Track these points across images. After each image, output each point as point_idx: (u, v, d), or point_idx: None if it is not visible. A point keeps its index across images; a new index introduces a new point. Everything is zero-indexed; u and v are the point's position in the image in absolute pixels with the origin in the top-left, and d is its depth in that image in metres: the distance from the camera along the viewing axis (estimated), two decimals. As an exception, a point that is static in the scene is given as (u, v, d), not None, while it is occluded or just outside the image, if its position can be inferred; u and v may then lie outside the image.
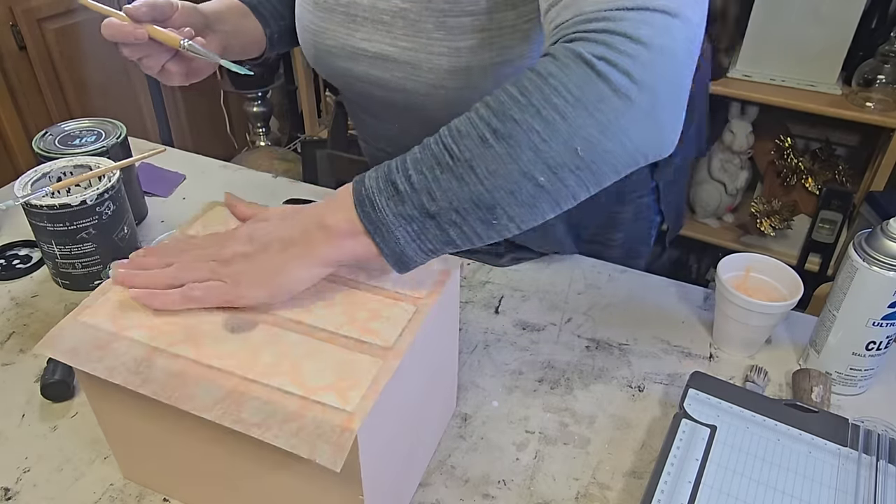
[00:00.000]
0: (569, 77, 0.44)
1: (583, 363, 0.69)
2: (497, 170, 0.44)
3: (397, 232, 0.46)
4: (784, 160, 1.82)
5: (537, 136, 0.44)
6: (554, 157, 0.44)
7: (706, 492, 0.51)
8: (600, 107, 0.43)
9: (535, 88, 0.44)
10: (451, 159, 0.45)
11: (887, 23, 1.60)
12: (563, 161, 0.44)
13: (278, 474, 0.46)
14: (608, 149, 0.45)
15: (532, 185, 0.45)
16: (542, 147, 0.44)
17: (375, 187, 0.46)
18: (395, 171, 0.46)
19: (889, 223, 0.58)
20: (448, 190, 0.45)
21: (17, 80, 1.74)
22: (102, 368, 0.45)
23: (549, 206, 0.46)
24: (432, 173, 0.45)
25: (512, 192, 0.45)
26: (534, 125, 0.44)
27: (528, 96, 0.44)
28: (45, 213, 0.70)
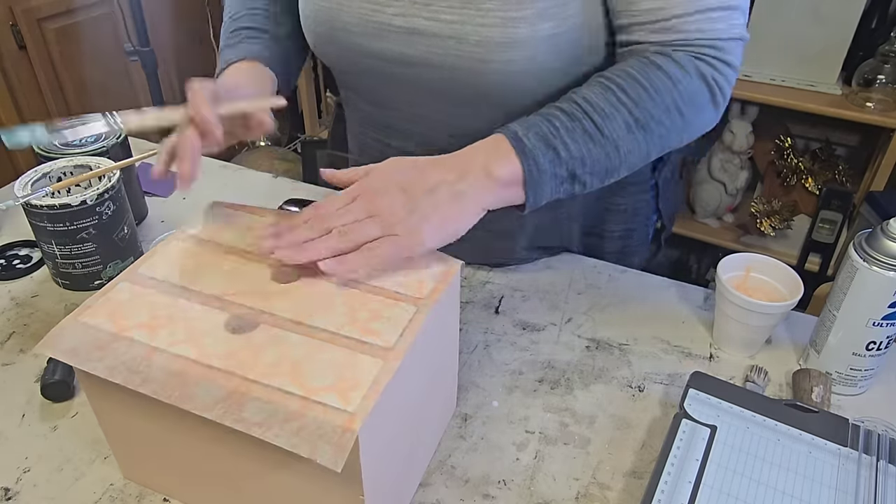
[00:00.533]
0: (691, 86, 0.58)
1: (583, 363, 0.69)
2: (632, 151, 0.58)
3: (546, 187, 0.55)
4: (784, 160, 1.82)
5: (664, 129, 0.58)
6: (668, 144, 0.60)
7: (706, 492, 0.51)
8: (703, 111, 0.60)
9: (666, 90, 0.57)
10: (601, 136, 0.56)
11: (887, 23, 1.60)
12: (671, 146, 0.60)
13: (279, 474, 0.46)
14: (693, 136, 0.62)
15: (645, 160, 0.60)
16: (665, 137, 0.59)
17: (538, 148, 0.54)
18: (550, 136, 0.55)
19: (889, 223, 0.58)
20: (596, 161, 0.56)
21: (17, 80, 1.74)
22: (102, 368, 0.45)
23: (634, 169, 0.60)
24: (586, 146, 0.55)
25: (633, 165, 0.59)
26: (663, 121, 0.58)
27: (661, 95, 0.57)
28: (46, 213, 0.70)
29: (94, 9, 1.90)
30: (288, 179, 1.02)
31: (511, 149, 0.54)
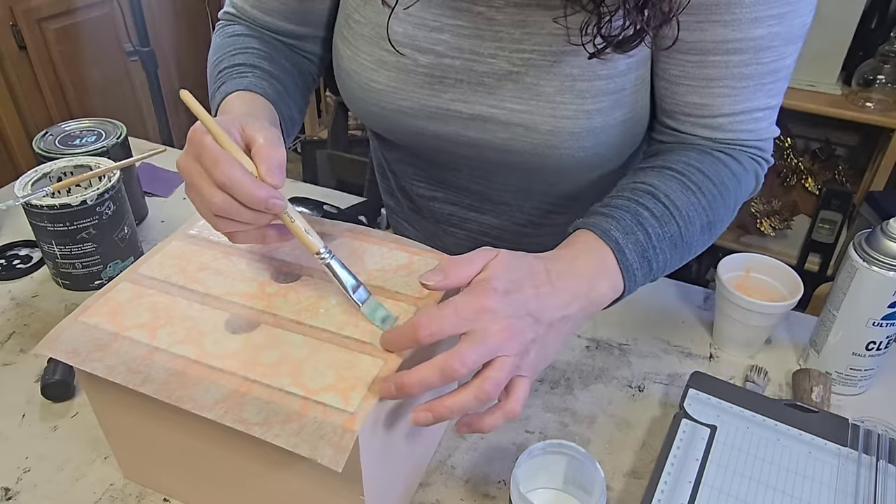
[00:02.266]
0: (746, 186, 0.62)
1: (583, 363, 0.69)
2: (700, 248, 0.59)
3: (633, 290, 0.53)
4: (784, 160, 1.82)
5: (723, 226, 0.61)
6: (722, 232, 0.62)
7: (706, 492, 0.51)
8: (747, 198, 0.64)
9: (732, 191, 0.59)
10: (680, 240, 0.55)
11: (887, 23, 1.61)
12: (721, 233, 0.62)
13: (279, 474, 0.46)
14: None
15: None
16: (720, 232, 0.61)
17: (637, 264, 0.52)
18: (645, 246, 0.53)
19: (889, 223, 0.58)
20: (674, 262, 0.56)
21: (17, 80, 1.74)
22: (103, 368, 0.45)
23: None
24: (670, 253, 0.55)
25: (692, 256, 0.60)
26: (725, 219, 0.60)
27: (728, 196, 0.59)
28: (46, 213, 0.70)
29: (94, 9, 1.91)
30: (288, 179, 1.01)
31: (618, 268, 0.51)
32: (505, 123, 0.61)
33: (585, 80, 0.58)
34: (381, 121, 0.67)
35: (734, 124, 0.60)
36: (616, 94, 0.59)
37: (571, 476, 0.51)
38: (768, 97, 0.59)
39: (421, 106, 0.63)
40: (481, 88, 0.61)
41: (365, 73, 0.64)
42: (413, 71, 0.62)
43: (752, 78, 0.57)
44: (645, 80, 0.61)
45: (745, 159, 0.61)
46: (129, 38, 1.82)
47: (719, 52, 0.55)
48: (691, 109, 0.60)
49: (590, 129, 0.60)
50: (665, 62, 0.58)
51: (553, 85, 0.58)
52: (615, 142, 0.62)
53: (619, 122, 0.61)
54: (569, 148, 0.61)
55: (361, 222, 0.85)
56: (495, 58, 0.59)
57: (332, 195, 0.95)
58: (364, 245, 0.56)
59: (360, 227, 0.58)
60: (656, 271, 0.54)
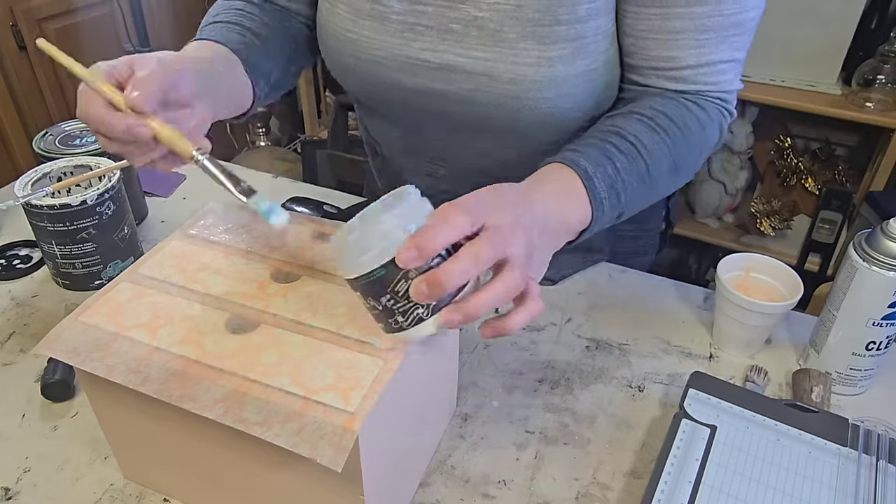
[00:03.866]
0: (711, 134, 0.63)
1: (583, 363, 0.69)
2: (667, 189, 0.62)
3: (598, 228, 0.55)
4: (784, 160, 1.82)
5: (689, 171, 0.63)
6: (685, 182, 0.64)
7: (706, 492, 0.51)
8: (710, 153, 0.66)
9: (697, 135, 0.61)
10: (648, 176, 0.57)
11: (887, 23, 1.60)
12: (688, 179, 0.65)
13: (279, 474, 0.46)
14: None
15: (664, 196, 0.66)
16: (686, 177, 0.64)
17: (605, 193, 0.54)
18: (614, 179, 0.55)
19: (889, 223, 0.58)
20: (641, 199, 0.59)
21: (17, 80, 1.74)
22: (103, 368, 0.45)
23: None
24: (638, 189, 0.57)
25: (657, 201, 0.64)
26: (690, 164, 0.62)
27: (693, 139, 0.61)
28: (46, 213, 0.70)
29: (94, 9, 1.90)
30: (288, 179, 1.02)
31: (585, 193, 0.53)
32: (469, 73, 0.62)
33: (546, 24, 0.59)
34: (356, 74, 0.69)
35: (698, 76, 0.61)
36: (576, 41, 0.60)
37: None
38: (732, 50, 0.61)
39: (393, 56, 0.65)
40: (449, 36, 0.62)
41: (342, 24, 0.66)
42: (387, 19, 0.64)
43: (714, 30, 0.58)
44: (607, 31, 0.61)
45: (710, 108, 0.63)
46: (129, 38, 1.82)
47: (682, 3, 0.57)
48: (656, 63, 0.61)
49: (551, 77, 0.61)
50: (632, 18, 0.60)
51: (515, 30, 0.59)
52: (578, 94, 0.62)
53: (582, 73, 0.61)
54: (530, 98, 0.62)
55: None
56: (465, 3, 0.61)
57: (332, 195, 0.95)
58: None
59: None
60: (625, 204, 0.56)
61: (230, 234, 0.57)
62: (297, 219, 0.59)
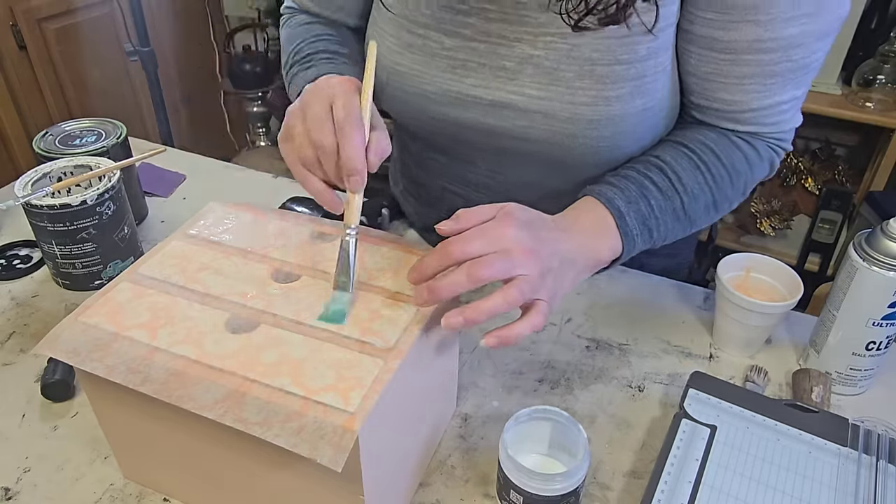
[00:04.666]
0: (759, 172, 0.64)
1: (583, 363, 0.69)
2: (704, 223, 0.63)
3: (633, 253, 0.57)
4: (784, 160, 1.82)
5: (729, 206, 0.63)
6: (729, 210, 0.65)
7: (706, 492, 0.51)
8: (759, 182, 0.66)
9: (743, 175, 0.62)
10: (683, 215, 0.59)
11: (887, 23, 1.61)
12: (729, 211, 0.65)
13: (279, 474, 0.46)
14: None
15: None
16: (730, 209, 0.64)
17: (637, 230, 0.56)
18: (647, 216, 0.57)
19: (889, 223, 0.58)
20: (672, 236, 0.60)
21: (17, 80, 1.74)
22: (103, 368, 0.45)
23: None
24: (672, 225, 0.59)
25: (696, 229, 0.63)
26: (732, 200, 0.63)
27: (738, 180, 0.61)
28: (46, 213, 0.70)
29: (94, 9, 1.91)
30: (288, 179, 1.02)
31: (616, 231, 0.56)
32: (523, 111, 0.61)
33: (605, 64, 0.57)
34: (404, 106, 0.67)
35: (759, 118, 0.61)
36: (636, 80, 0.58)
37: (556, 440, 0.55)
38: (795, 89, 0.60)
39: (443, 91, 0.64)
40: (502, 74, 0.61)
41: (390, 56, 0.65)
42: (437, 54, 0.62)
43: (782, 75, 0.57)
44: (665, 68, 0.60)
45: (762, 147, 0.63)
46: (129, 38, 1.82)
47: (752, 51, 0.56)
48: (720, 105, 0.61)
49: (609, 116, 0.59)
50: (697, 59, 0.59)
51: (572, 70, 0.58)
52: (635, 132, 0.62)
53: (639, 111, 0.60)
54: (587, 137, 0.61)
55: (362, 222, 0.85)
56: (520, 41, 0.59)
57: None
58: (364, 245, 0.56)
59: (360, 227, 0.58)
60: (657, 239, 0.59)
61: (230, 234, 0.57)
62: (297, 219, 0.59)
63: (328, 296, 0.50)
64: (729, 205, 0.63)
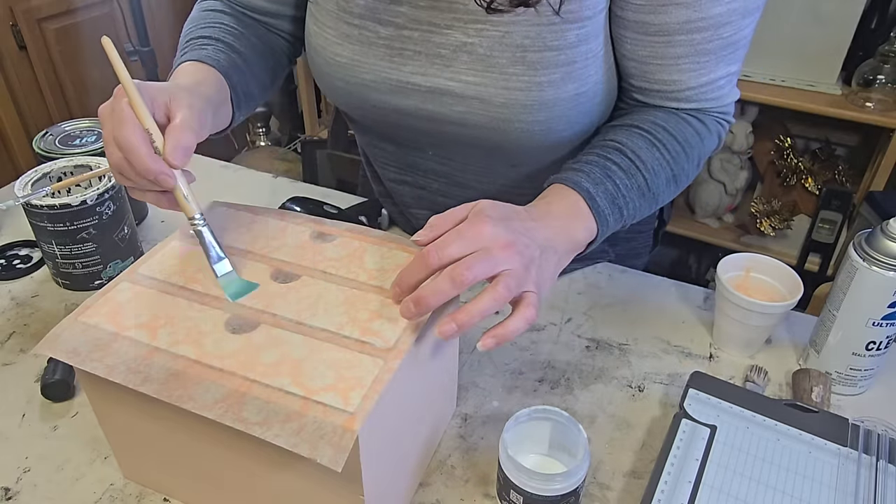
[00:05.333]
0: (710, 144, 0.66)
1: (583, 363, 0.69)
2: (666, 198, 0.64)
3: (607, 234, 0.58)
4: (784, 160, 1.82)
5: (687, 180, 0.65)
6: (687, 184, 0.66)
7: (706, 492, 0.51)
8: (710, 155, 0.68)
9: (695, 147, 0.63)
10: (647, 191, 0.60)
11: (887, 23, 1.60)
12: (687, 185, 0.66)
13: (279, 474, 0.46)
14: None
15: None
16: (684, 185, 0.65)
17: (608, 210, 0.57)
18: (616, 195, 0.58)
19: (889, 223, 0.58)
20: (642, 211, 0.61)
21: (17, 80, 1.74)
22: (103, 368, 0.45)
23: None
24: (640, 201, 0.60)
25: (660, 205, 0.64)
26: (689, 174, 0.64)
27: (692, 152, 0.63)
28: (46, 213, 0.70)
29: (94, 9, 1.90)
30: (288, 179, 1.02)
31: (589, 212, 0.56)
32: (460, 96, 0.63)
33: (536, 50, 0.59)
34: (347, 96, 0.69)
35: (699, 95, 0.63)
36: (567, 66, 0.60)
37: (556, 440, 0.55)
38: (728, 65, 0.62)
39: (382, 79, 0.65)
40: (438, 61, 0.62)
41: (330, 48, 0.66)
42: (374, 43, 0.64)
43: (713, 52, 0.60)
44: (597, 55, 0.62)
45: (709, 121, 0.65)
46: (129, 38, 1.82)
47: (684, 31, 0.58)
48: (661, 86, 0.63)
49: (542, 101, 0.61)
50: (632, 44, 0.61)
51: (505, 56, 0.60)
52: (568, 116, 0.63)
53: (572, 96, 0.62)
54: (522, 121, 0.62)
55: (361, 222, 0.85)
56: (451, 28, 0.61)
57: (332, 195, 0.95)
58: (364, 245, 0.56)
59: (360, 227, 0.58)
60: (627, 217, 0.59)
61: (230, 234, 0.57)
62: (297, 219, 0.59)
63: (328, 296, 0.50)
64: (686, 178, 0.64)
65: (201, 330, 0.47)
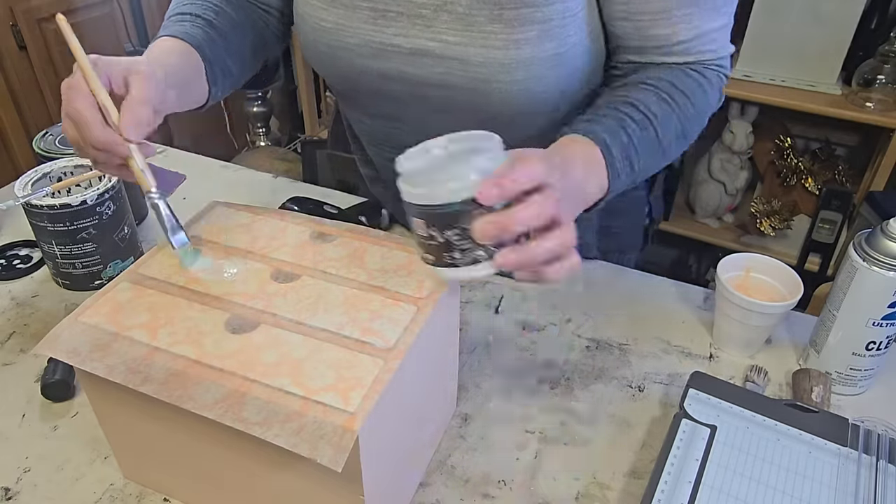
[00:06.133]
0: (713, 97, 0.66)
1: (583, 363, 0.69)
2: (674, 154, 0.65)
3: (616, 191, 0.59)
4: (784, 160, 1.82)
5: (694, 133, 0.66)
6: (693, 139, 0.67)
7: (706, 492, 0.51)
8: (713, 110, 0.68)
9: (700, 100, 0.64)
10: (658, 145, 0.61)
11: (887, 23, 1.60)
12: (693, 140, 0.67)
13: (279, 474, 0.46)
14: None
15: (673, 160, 0.67)
16: (692, 139, 0.66)
17: (621, 165, 0.58)
18: (629, 148, 0.58)
19: (889, 223, 0.58)
20: (653, 165, 0.63)
21: (17, 80, 1.74)
22: (103, 368, 0.45)
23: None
24: (651, 157, 0.61)
25: (668, 161, 0.66)
26: (696, 127, 0.65)
27: (697, 105, 0.64)
28: (46, 213, 0.70)
29: (94, 9, 1.90)
30: (288, 179, 1.02)
31: (604, 164, 0.56)
32: (441, 57, 0.64)
33: (512, 7, 0.60)
34: (332, 62, 0.70)
35: (693, 48, 0.64)
36: (543, 23, 0.61)
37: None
38: (718, 17, 0.63)
39: (366, 42, 0.66)
40: (419, 21, 0.63)
41: (315, 13, 0.67)
42: (358, 7, 0.65)
43: (699, 3, 0.61)
44: (576, 15, 0.62)
45: (710, 74, 0.66)
46: (129, 38, 1.82)
47: None
48: (656, 41, 0.63)
49: (519, 59, 0.62)
50: (621, 2, 0.62)
51: (483, 14, 0.61)
52: (547, 77, 0.64)
53: (550, 56, 0.62)
54: (501, 81, 0.63)
55: (361, 222, 0.85)
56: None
57: (332, 195, 0.95)
58: (364, 245, 0.56)
59: (360, 227, 0.58)
60: (637, 172, 0.61)
61: (230, 234, 0.57)
62: (296, 219, 0.59)
63: (328, 296, 0.50)
64: (693, 133, 0.66)
65: (201, 330, 0.47)
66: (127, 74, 0.52)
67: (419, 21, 0.63)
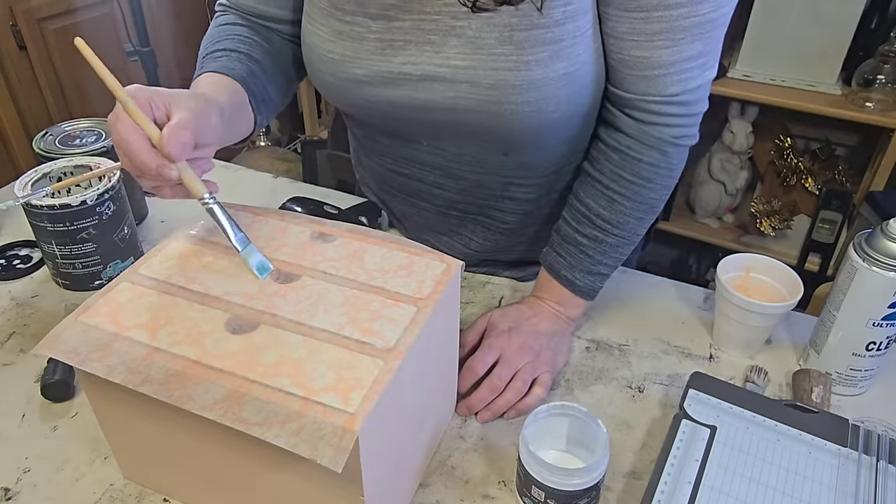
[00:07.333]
0: (677, 165, 0.68)
1: (583, 364, 0.69)
2: (643, 230, 0.70)
3: (600, 288, 0.71)
4: (784, 160, 1.82)
5: (661, 202, 0.69)
6: (661, 209, 0.71)
7: (706, 492, 0.51)
8: (682, 164, 0.69)
9: (656, 177, 0.66)
10: (623, 242, 0.68)
11: (887, 23, 1.60)
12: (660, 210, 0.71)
13: (279, 474, 0.46)
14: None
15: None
16: (660, 207, 0.70)
17: (592, 283, 0.69)
18: (593, 265, 0.69)
19: (889, 223, 0.58)
20: (622, 256, 0.70)
21: (17, 80, 1.74)
22: (102, 368, 0.45)
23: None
24: (614, 254, 0.69)
25: (638, 240, 0.71)
26: (662, 197, 0.69)
27: (653, 187, 0.67)
28: (46, 214, 0.70)
29: (94, 9, 1.90)
30: (288, 179, 1.02)
31: (574, 295, 0.69)
32: (451, 81, 0.63)
33: (523, 29, 0.60)
34: (339, 91, 0.70)
35: (667, 77, 0.62)
36: (554, 44, 0.60)
37: (574, 436, 0.56)
38: (704, 45, 0.62)
39: (374, 73, 0.66)
40: (428, 47, 0.63)
41: (323, 45, 0.67)
42: (366, 38, 0.65)
43: (689, 29, 0.60)
44: (585, 34, 0.62)
45: (672, 150, 0.66)
46: (129, 38, 1.82)
47: (661, 7, 0.58)
48: (634, 62, 0.63)
49: (530, 81, 0.61)
50: (615, 21, 0.62)
51: (493, 36, 0.60)
52: (558, 97, 0.63)
53: (561, 76, 0.62)
54: (512, 103, 0.62)
55: (361, 222, 0.85)
56: (440, 14, 0.61)
57: (332, 195, 0.95)
58: (364, 245, 0.56)
59: (360, 227, 0.58)
60: (610, 270, 0.70)
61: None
62: (297, 219, 0.59)
63: (328, 296, 0.50)
64: (657, 209, 0.69)
65: (201, 330, 0.47)
66: (168, 104, 0.54)
67: (428, 48, 0.62)
